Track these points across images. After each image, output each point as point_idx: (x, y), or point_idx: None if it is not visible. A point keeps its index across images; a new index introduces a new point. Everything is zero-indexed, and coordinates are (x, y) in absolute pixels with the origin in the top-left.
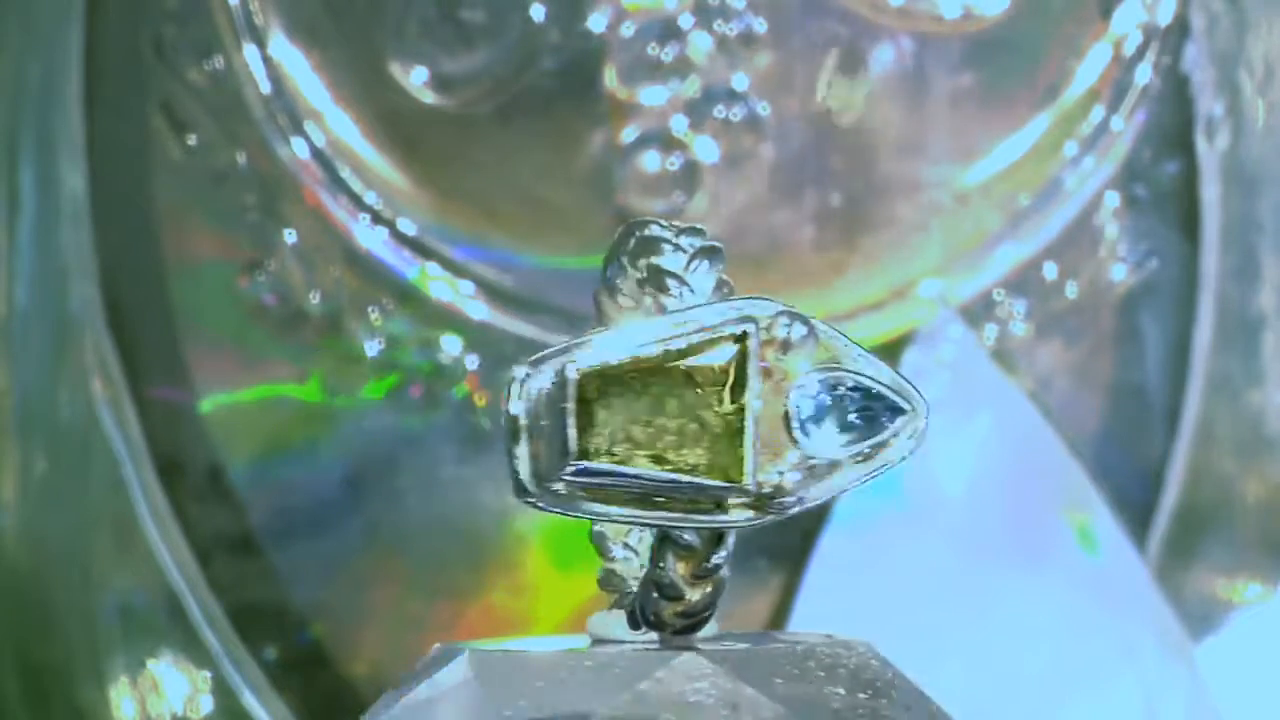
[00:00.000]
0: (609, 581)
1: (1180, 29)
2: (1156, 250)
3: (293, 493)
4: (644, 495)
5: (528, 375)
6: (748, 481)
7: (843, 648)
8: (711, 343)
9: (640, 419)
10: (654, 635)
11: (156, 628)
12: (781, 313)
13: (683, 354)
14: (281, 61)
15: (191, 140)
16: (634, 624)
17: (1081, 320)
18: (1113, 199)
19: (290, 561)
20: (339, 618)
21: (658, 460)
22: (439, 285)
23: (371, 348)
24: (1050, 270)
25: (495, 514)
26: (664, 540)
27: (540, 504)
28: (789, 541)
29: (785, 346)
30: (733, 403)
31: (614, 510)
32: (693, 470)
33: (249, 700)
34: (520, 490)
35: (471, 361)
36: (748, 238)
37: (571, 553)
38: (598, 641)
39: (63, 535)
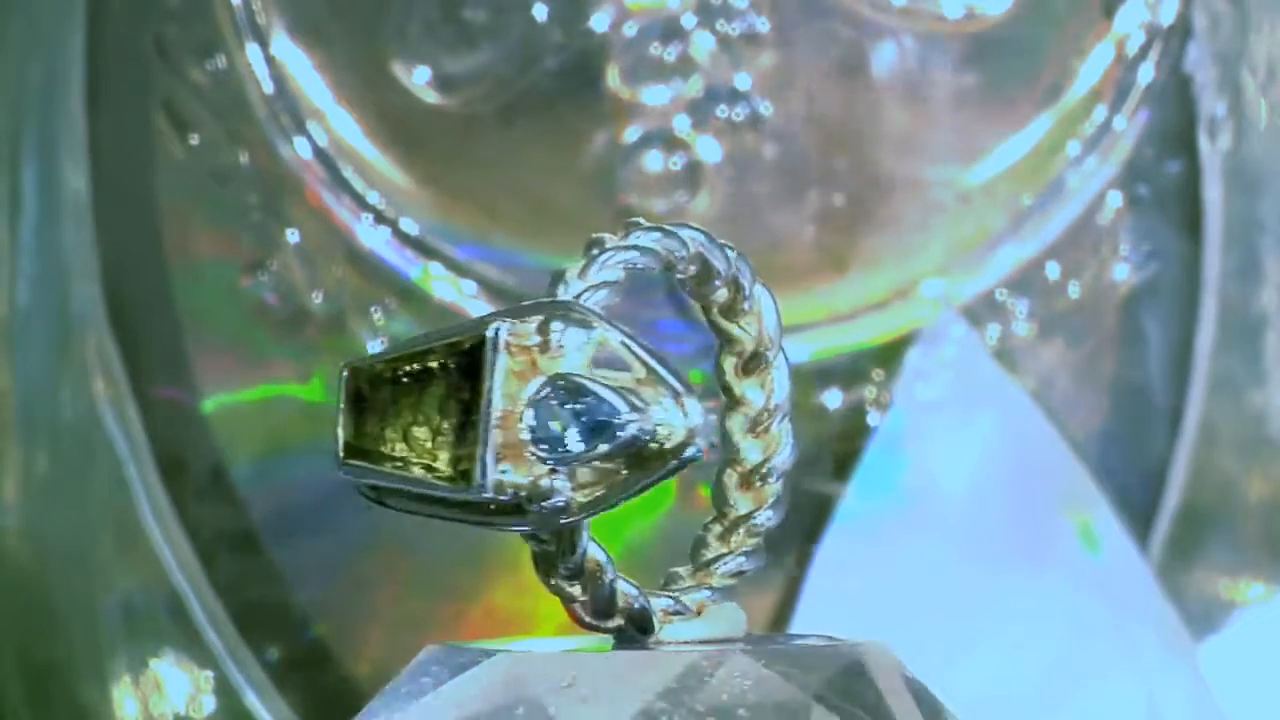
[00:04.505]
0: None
1: (1183, 29)
2: (1159, 250)
3: (295, 492)
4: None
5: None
6: (477, 482)
7: (840, 650)
8: (472, 344)
9: (412, 418)
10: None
11: (159, 627)
12: (557, 314)
13: (451, 355)
14: (284, 61)
15: (194, 140)
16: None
17: (1084, 320)
18: (1115, 199)
19: (292, 561)
20: (341, 617)
21: (428, 464)
22: (441, 285)
23: (374, 347)
24: (1053, 270)
25: None
26: (531, 547)
27: (368, 501)
28: (791, 542)
29: (551, 349)
30: (475, 404)
31: (411, 505)
32: (438, 471)
33: (251, 700)
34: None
35: None
36: (750, 237)
37: None
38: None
39: (65, 535)
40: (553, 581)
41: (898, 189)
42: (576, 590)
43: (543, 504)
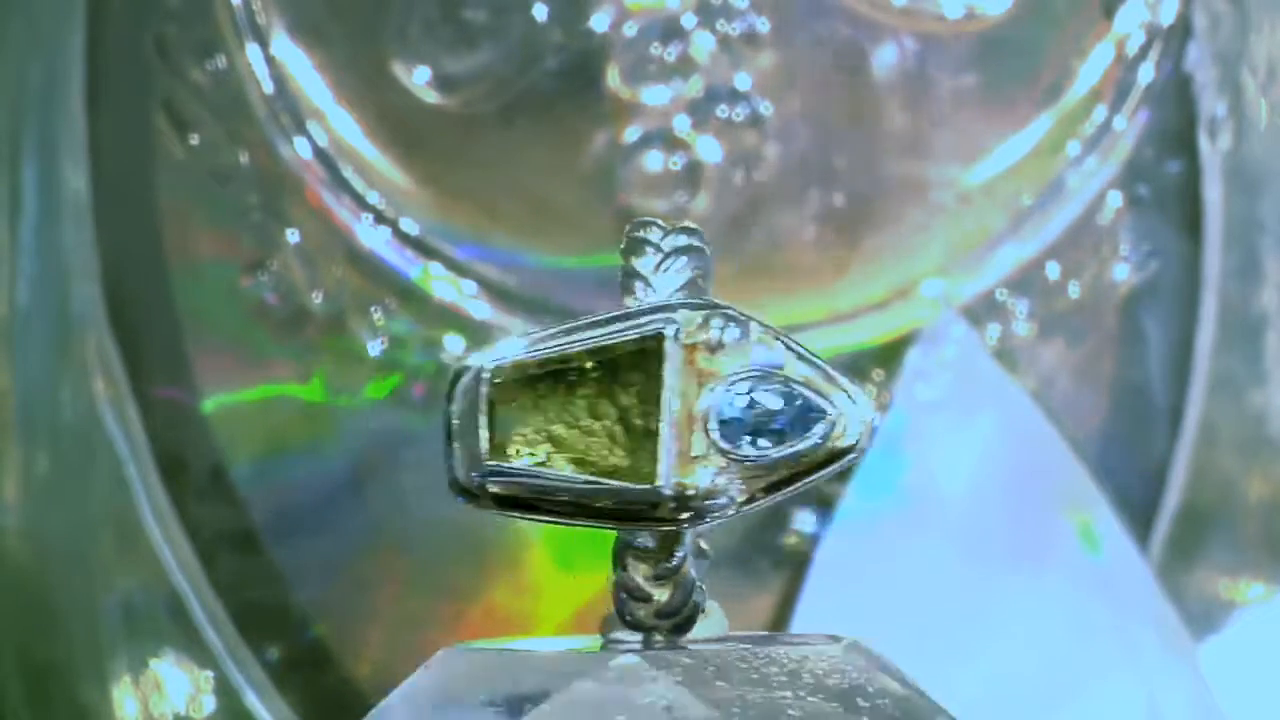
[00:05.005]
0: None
1: (1183, 29)
2: (1159, 250)
3: (295, 492)
4: (571, 497)
5: (462, 373)
6: (661, 484)
7: (827, 652)
8: (633, 342)
9: (563, 420)
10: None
11: (159, 627)
12: (716, 313)
13: (603, 353)
14: (284, 61)
15: (194, 140)
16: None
17: (1084, 320)
18: (1115, 199)
19: (293, 561)
20: (341, 617)
21: (580, 462)
22: (441, 285)
23: (374, 347)
24: (1053, 270)
25: None
26: (623, 543)
27: (476, 504)
28: (791, 541)
29: (716, 347)
30: (651, 403)
31: (538, 512)
32: (613, 472)
33: (251, 700)
34: (454, 489)
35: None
36: (750, 238)
37: (574, 553)
38: (610, 642)
39: (65, 535)
40: (637, 580)
41: (898, 189)
42: (659, 592)
43: (708, 503)
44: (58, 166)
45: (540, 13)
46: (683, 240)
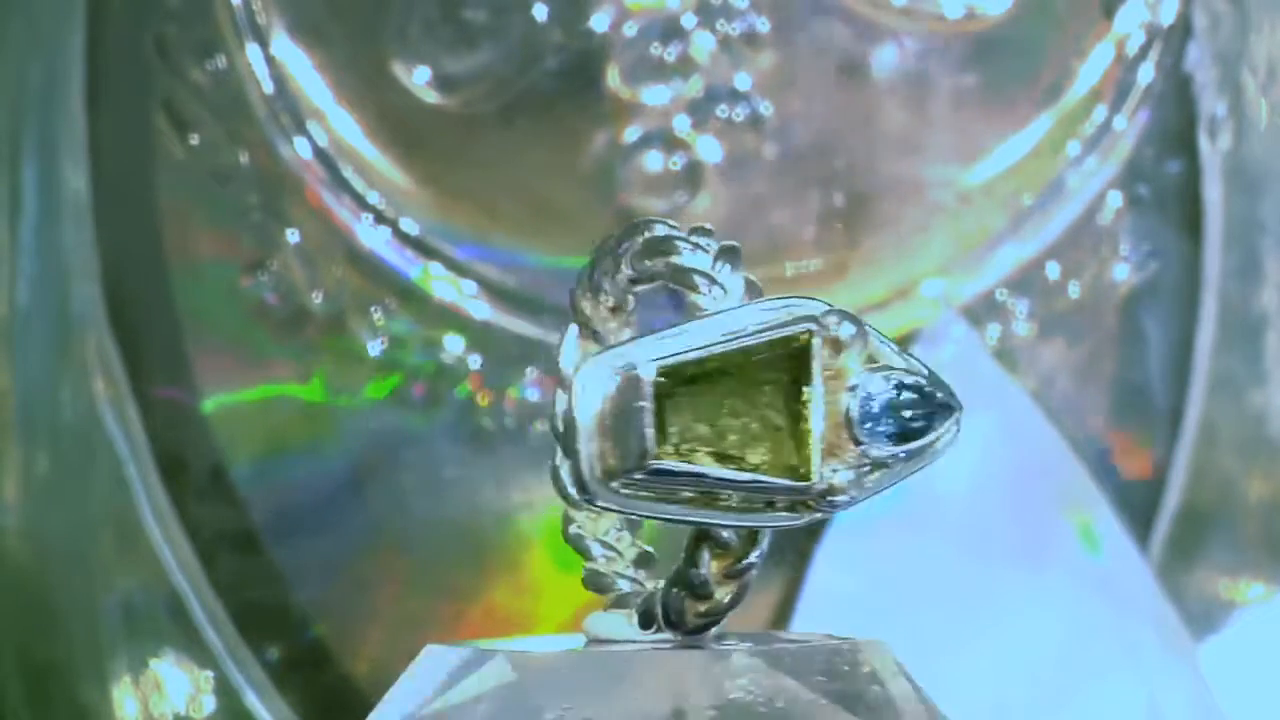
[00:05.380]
0: (596, 582)
1: (1183, 29)
2: (1159, 250)
3: (295, 492)
4: (704, 494)
5: (591, 374)
6: (815, 480)
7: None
8: (778, 342)
9: (705, 418)
10: (656, 635)
11: (159, 627)
12: (831, 312)
13: (747, 353)
14: (284, 61)
15: (194, 140)
16: (646, 624)
17: (1084, 320)
18: (1115, 199)
19: (292, 561)
20: (341, 617)
21: (721, 459)
22: (441, 285)
23: (374, 347)
24: (1053, 270)
25: (497, 514)
26: (701, 538)
27: (602, 504)
28: (791, 540)
29: (837, 345)
30: (797, 402)
31: (670, 509)
32: (756, 469)
33: (251, 700)
34: (583, 490)
35: (474, 361)
36: (750, 237)
37: (573, 553)
38: (594, 641)
39: (65, 534)
40: (706, 575)
41: (898, 189)
42: (722, 591)
43: (841, 499)
44: (58, 166)
45: (540, 13)
46: (710, 240)
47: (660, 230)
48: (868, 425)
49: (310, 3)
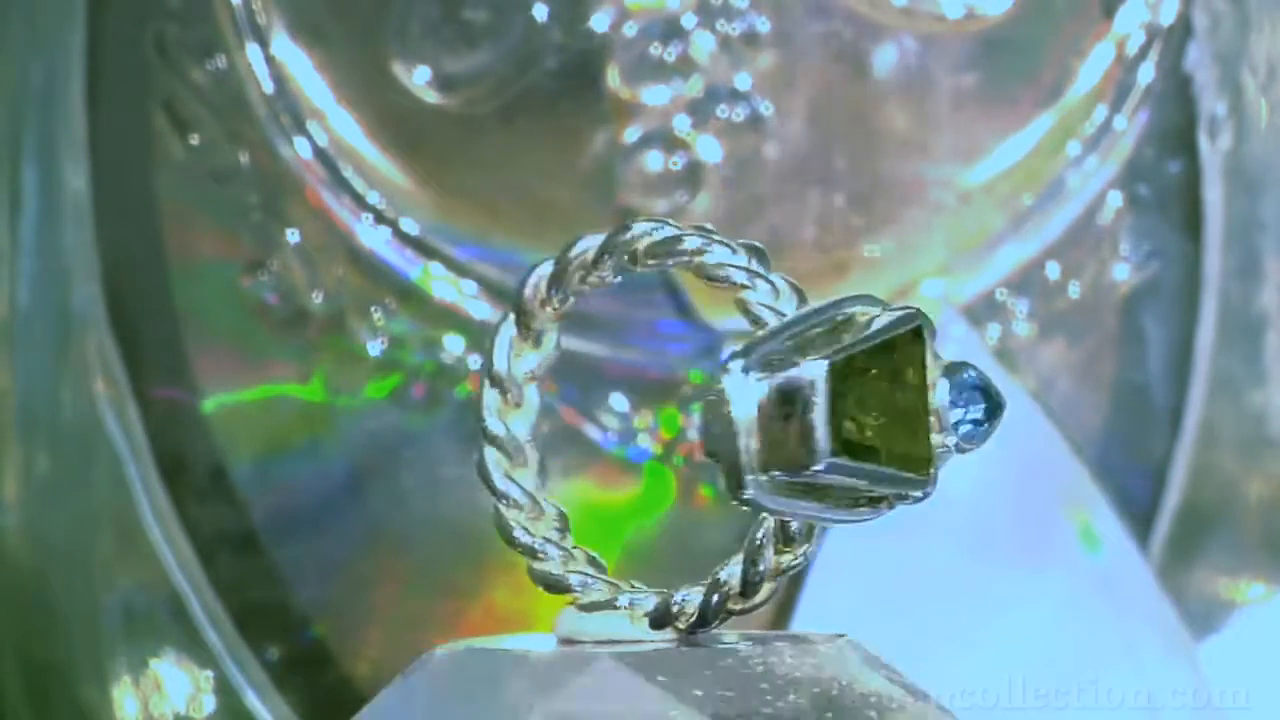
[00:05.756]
0: (545, 580)
1: (1183, 29)
2: (1159, 250)
3: (295, 492)
4: (848, 489)
5: (746, 372)
6: (931, 472)
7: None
8: (894, 340)
9: (857, 410)
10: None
11: (159, 627)
12: (917, 311)
13: (876, 350)
14: (284, 61)
15: (194, 140)
16: (660, 624)
17: (1084, 320)
18: (1115, 199)
19: (292, 561)
20: (341, 617)
21: (862, 453)
22: (441, 285)
23: (374, 347)
24: (1053, 270)
25: None
26: (771, 535)
27: (757, 501)
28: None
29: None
30: (913, 397)
31: (802, 505)
32: (896, 462)
33: (251, 699)
34: (739, 488)
35: (474, 361)
36: (750, 237)
37: None
38: (565, 641)
39: (65, 534)
40: (761, 570)
41: (898, 189)
42: (766, 589)
43: (927, 491)
44: (58, 166)
45: (540, 13)
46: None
47: (668, 229)
48: (954, 419)
49: (310, 3)
